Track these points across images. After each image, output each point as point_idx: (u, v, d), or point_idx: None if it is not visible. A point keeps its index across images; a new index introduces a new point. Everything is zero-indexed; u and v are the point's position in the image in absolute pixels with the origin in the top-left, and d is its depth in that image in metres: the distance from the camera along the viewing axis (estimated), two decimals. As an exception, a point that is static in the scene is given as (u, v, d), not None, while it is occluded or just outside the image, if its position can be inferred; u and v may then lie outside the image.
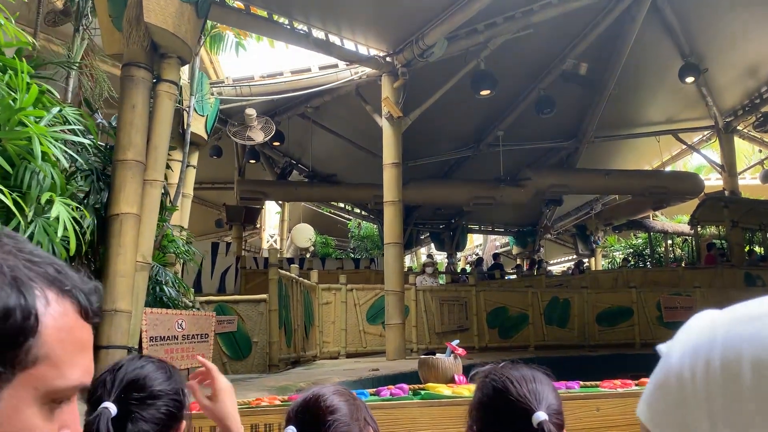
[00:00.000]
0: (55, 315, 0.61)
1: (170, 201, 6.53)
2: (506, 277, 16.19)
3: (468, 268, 19.50)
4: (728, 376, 0.51)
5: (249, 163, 16.15)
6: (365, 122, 12.60)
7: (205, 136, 8.82)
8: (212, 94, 9.03)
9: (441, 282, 13.83)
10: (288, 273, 7.87)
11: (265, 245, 24.37)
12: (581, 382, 3.40)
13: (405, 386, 3.26)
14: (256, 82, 10.00)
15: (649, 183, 14.79)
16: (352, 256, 18.58)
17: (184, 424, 1.37)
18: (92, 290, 0.67)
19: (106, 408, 1.22)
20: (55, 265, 0.64)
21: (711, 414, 0.51)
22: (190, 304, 7.05)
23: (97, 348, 4.49)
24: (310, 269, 14.04)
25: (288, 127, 14.51)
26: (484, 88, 9.95)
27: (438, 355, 3.89)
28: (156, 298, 6.15)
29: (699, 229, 16.43)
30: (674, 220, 19.80)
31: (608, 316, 12.49)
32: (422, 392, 3.23)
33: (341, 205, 20.89)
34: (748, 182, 19.03)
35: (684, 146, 17.57)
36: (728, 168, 16.18)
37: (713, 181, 19.04)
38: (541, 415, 1.22)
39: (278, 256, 19.23)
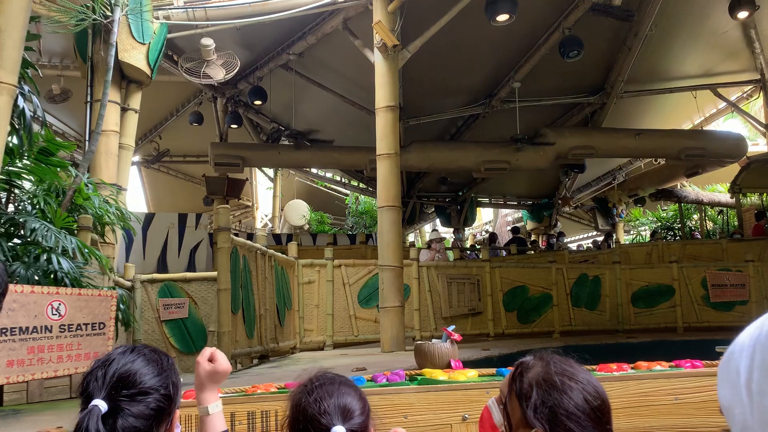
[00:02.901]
0: None
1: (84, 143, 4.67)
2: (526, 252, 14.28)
3: (477, 246, 17.59)
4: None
5: (231, 129, 14.33)
6: (358, 71, 10.72)
7: (148, 71, 6.95)
8: (156, 18, 7.16)
9: (450, 258, 11.98)
10: (250, 242, 6.01)
11: (258, 225, 22.61)
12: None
13: (401, 372, 3.26)
14: (212, 3, 8.08)
15: (686, 144, 12.84)
16: (349, 232, 16.71)
17: (178, 413, 1.40)
18: None
19: (96, 406, 1.24)
20: None
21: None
22: (104, 284, 5.23)
23: None
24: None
25: (270, 83, 12.62)
26: (502, 11, 8.00)
27: (434, 341, 3.92)
28: (45, 273, 4.32)
29: (741, 197, 14.45)
30: (707, 190, 17.82)
31: (645, 296, 10.65)
32: (418, 378, 3.20)
33: (337, 178, 19.03)
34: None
35: (720, 104, 15.58)
36: (774, 127, 14.20)
37: (750, 147, 17.07)
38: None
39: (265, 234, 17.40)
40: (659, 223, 17.63)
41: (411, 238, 21.08)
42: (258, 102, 12.74)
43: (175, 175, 19.94)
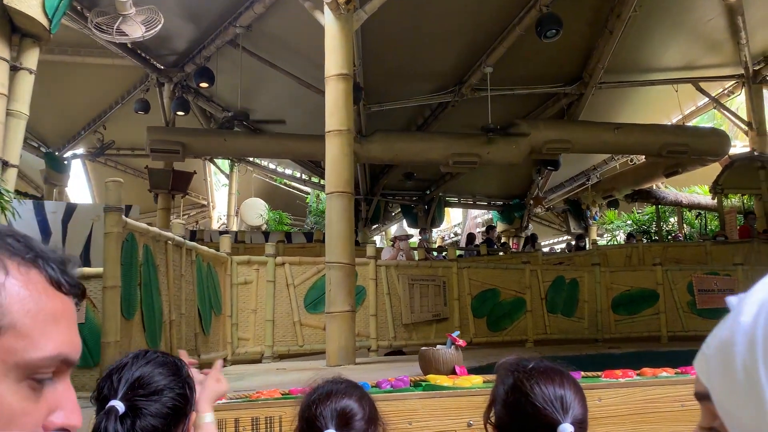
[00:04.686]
0: (17, 284, 0.59)
1: None
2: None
3: (445, 247, 16.50)
4: None
5: (180, 118, 13.05)
6: (316, 50, 9.51)
7: (46, 23, 5.68)
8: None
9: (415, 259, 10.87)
10: (156, 230, 4.80)
11: (215, 225, 21.23)
12: (582, 373, 3.20)
13: (406, 378, 3.24)
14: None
15: (668, 139, 12.00)
16: (307, 230, 15.50)
17: (194, 415, 1.41)
18: (63, 260, 0.64)
19: (114, 406, 1.25)
20: (16, 236, 0.62)
21: None
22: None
23: None
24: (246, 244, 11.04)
25: (217, 64, 11.41)
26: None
27: (439, 347, 3.93)
28: None
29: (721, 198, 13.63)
30: (684, 192, 17.06)
31: (627, 302, 9.68)
32: (423, 384, 3.19)
33: (297, 174, 17.83)
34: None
35: (700, 102, 14.86)
36: (757, 125, 13.46)
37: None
38: (566, 428, 1.18)
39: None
40: (635, 226, 16.80)
41: (378, 242, 19.94)
42: (204, 84, 11.53)
43: (123, 170, 18.47)
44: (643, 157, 14.96)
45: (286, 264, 7.05)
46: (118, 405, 1.25)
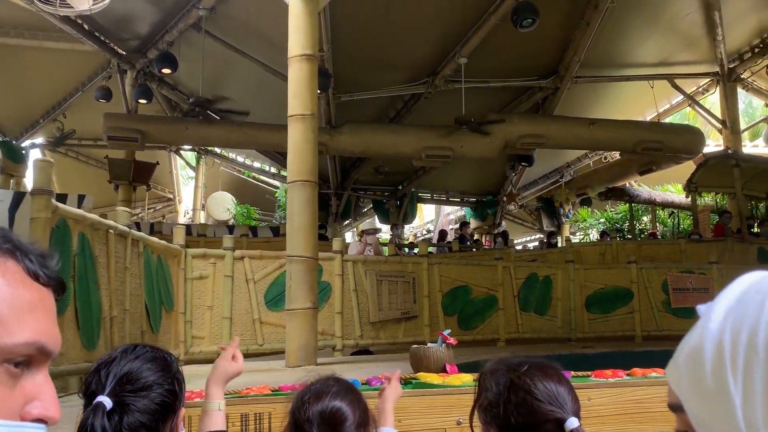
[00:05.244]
0: None
1: None
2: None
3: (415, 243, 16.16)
4: None
5: (141, 106, 12.48)
6: (283, 35, 9.10)
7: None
8: None
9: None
10: (95, 217, 4.35)
11: (182, 219, 20.61)
12: (573, 372, 3.15)
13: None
14: None
15: (643, 136, 11.81)
16: (273, 224, 15.02)
17: (182, 411, 1.37)
18: (42, 253, 0.65)
19: (101, 402, 1.23)
20: None
21: (747, 389, 0.49)
22: None
23: None
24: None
25: (179, 49, 10.91)
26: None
27: (429, 345, 3.96)
28: None
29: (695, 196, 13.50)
30: (657, 190, 16.98)
31: (601, 300, 9.44)
32: (413, 382, 3.20)
33: (266, 167, 17.34)
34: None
35: (674, 99, 14.77)
36: (731, 123, 13.39)
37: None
38: (574, 422, 1.21)
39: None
40: (608, 224, 16.66)
41: (348, 238, 19.49)
42: (167, 70, 11.00)
43: (85, 161, 17.78)
44: (618, 154, 14.84)
45: (245, 258, 6.62)
46: (106, 401, 1.23)
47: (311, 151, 5.74)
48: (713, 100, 14.82)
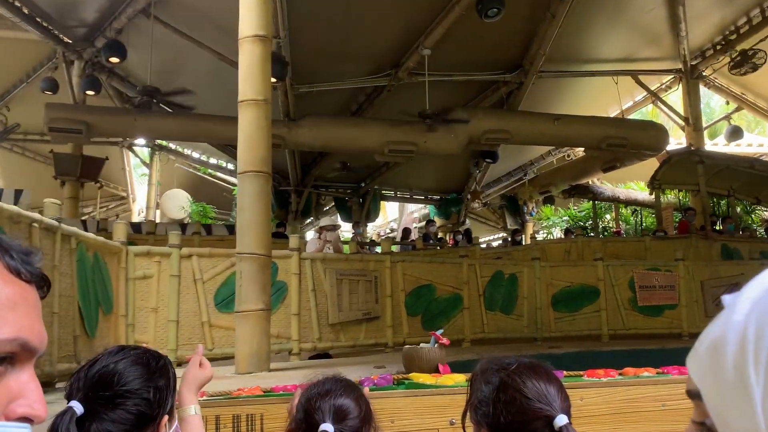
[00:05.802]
0: None
1: None
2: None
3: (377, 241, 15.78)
4: None
5: (90, 98, 11.82)
6: (235, 19, 8.60)
7: None
8: None
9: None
10: (12, 207, 3.83)
11: (136, 218, 19.82)
12: (565, 372, 3.22)
13: (389, 376, 3.27)
14: None
15: (608, 132, 11.67)
16: (230, 222, 14.47)
17: (165, 418, 1.31)
18: (24, 250, 0.65)
19: (71, 407, 1.18)
20: None
21: None
22: None
23: None
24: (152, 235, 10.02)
25: (128, 37, 10.33)
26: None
27: (422, 345, 3.99)
28: None
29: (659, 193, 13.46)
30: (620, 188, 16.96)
31: (567, 299, 9.21)
32: (406, 382, 3.23)
33: (223, 164, 16.76)
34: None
35: (638, 96, 14.74)
36: (694, 120, 13.39)
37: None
38: (563, 419, 1.20)
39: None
40: (571, 222, 16.57)
41: (308, 236, 18.97)
42: (115, 59, 10.41)
43: (32, 156, 16.90)
44: (581, 152, 14.74)
45: (193, 256, 6.14)
46: (77, 406, 1.17)
47: (264, 139, 5.31)
48: (674, 99, 14.85)
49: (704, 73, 13.52)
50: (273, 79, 8.22)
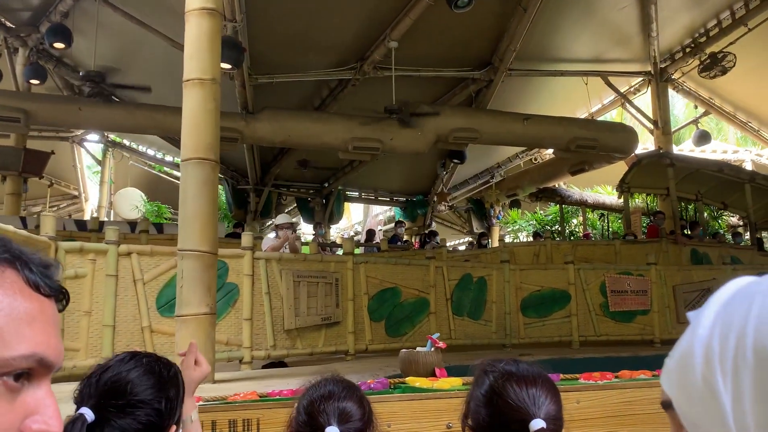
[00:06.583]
0: None
1: None
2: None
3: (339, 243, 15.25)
4: (761, 360, 0.47)
5: (36, 88, 11.04)
6: None
7: None
8: None
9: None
10: None
11: (87, 217, 18.89)
12: (562, 375, 3.25)
13: (385, 380, 3.25)
14: None
15: (578, 133, 11.40)
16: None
17: (173, 429, 1.30)
18: (44, 263, 0.62)
19: (82, 414, 1.17)
20: None
21: (736, 392, 0.48)
22: None
23: None
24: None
25: (73, 21, 9.64)
26: None
27: (419, 349, 3.97)
28: None
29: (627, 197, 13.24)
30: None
31: (537, 303, 8.83)
32: (402, 386, 3.21)
33: (178, 161, 16.00)
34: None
35: (606, 99, 14.57)
36: (663, 124, 13.25)
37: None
38: (538, 423, 1.21)
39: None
40: (538, 226, 16.31)
41: (270, 237, 18.33)
42: (60, 45, 9.70)
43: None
44: (549, 155, 14.49)
45: (133, 254, 5.52)
46: (88, 413, 1.17)
47: (211, 124, 4.75)
48: (641, 104, 14.71)
49: (673, 77, 13.39)
50: (227, 65, 7.68)
